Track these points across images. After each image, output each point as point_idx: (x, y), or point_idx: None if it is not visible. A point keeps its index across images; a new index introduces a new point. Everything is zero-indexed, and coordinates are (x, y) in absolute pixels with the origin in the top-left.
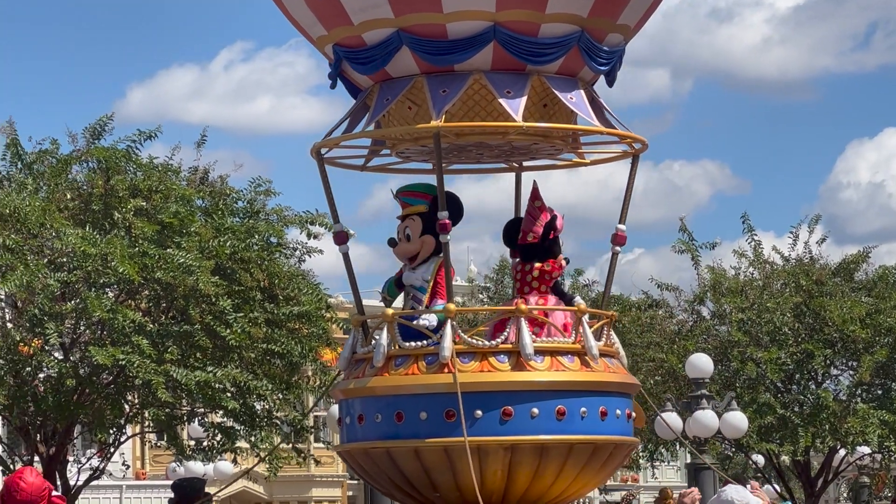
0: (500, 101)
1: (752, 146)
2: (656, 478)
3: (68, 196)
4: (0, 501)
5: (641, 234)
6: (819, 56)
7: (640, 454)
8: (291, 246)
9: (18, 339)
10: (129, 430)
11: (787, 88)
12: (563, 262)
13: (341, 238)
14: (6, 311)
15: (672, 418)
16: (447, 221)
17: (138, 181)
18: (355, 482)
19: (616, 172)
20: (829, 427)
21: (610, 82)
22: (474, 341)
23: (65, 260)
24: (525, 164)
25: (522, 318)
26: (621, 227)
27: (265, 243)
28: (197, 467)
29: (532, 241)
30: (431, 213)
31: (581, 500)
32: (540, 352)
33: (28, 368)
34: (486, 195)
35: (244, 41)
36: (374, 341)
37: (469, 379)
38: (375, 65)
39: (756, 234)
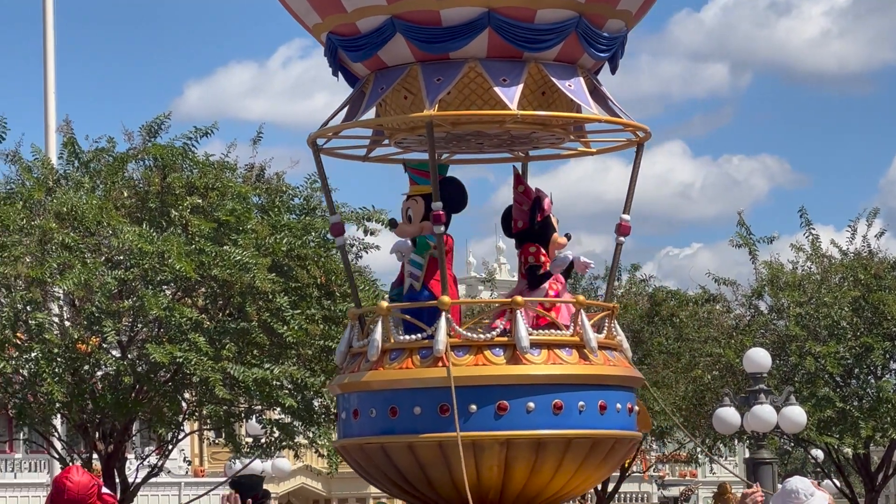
0: (496, 89)
1: (811, 140)
2: (714, 473)
3: (125, 194)
4: (50, 501)
5: (699, 229)
6: (878, 49)
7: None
8: (348, 242)
9: (76, 337)
10: (186, 427)
11: (846, 81)
12: (564, 240)
13: (338, 229)
14: (64, 309)
15: (730, 413)
16: (441, 213)
17: (195, 178)
18: None
19: (676, 168)
20: (891, 420)
21: (612, 69)
22: (469, 334)
23: (122, 258)
24: (529, 153)
25: (519, 311)
26: (625, 217)
27: (322, 240)
28: (255, 464)
29: (522, 228)
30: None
31: (638, 495)
32: (537, 345)
33: (86, 366)
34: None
35: (302, 38)
36: (369, 335)
37: (463, 373)
38: (368, 50)
39: (814, 229)
